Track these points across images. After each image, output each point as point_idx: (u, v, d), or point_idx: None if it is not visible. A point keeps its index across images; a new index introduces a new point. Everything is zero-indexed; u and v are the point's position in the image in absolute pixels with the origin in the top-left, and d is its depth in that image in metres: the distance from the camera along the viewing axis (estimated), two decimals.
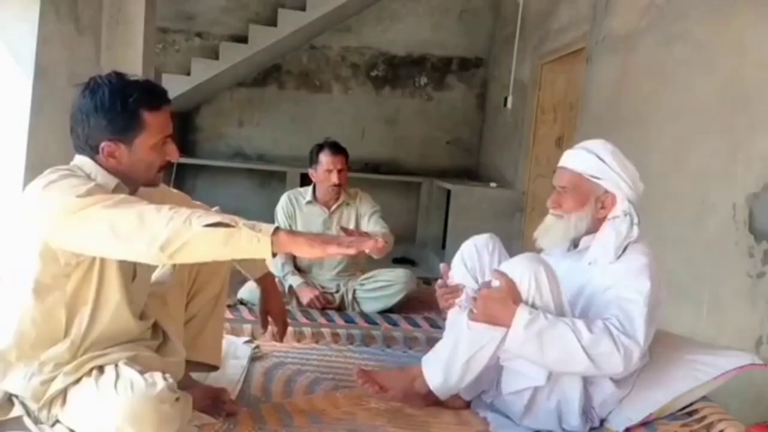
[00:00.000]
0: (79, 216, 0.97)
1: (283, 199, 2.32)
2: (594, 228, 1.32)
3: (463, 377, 1.26)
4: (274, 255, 0.96)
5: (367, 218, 2.27)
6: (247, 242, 0.95)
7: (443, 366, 1.27)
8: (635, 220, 1.29)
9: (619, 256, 1.26)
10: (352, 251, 0.97)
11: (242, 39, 4.44)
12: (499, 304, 1.17)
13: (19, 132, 2.12)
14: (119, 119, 1.06)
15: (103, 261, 1.07)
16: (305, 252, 0.97)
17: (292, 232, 0.99)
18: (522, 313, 1.14)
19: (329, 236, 1.04)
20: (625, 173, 1.29)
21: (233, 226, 0.95)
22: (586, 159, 1.31)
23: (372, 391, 1.32)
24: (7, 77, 2.11)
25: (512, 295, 1.17)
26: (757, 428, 1.27)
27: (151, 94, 1.09)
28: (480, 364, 1.23)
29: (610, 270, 1.26)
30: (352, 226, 2.28)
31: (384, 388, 1.34)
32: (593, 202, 1.30)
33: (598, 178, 1.29)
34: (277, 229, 0.96)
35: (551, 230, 1.35)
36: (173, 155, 1.13)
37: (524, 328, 1.14)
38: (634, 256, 1.26)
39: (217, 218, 0.95)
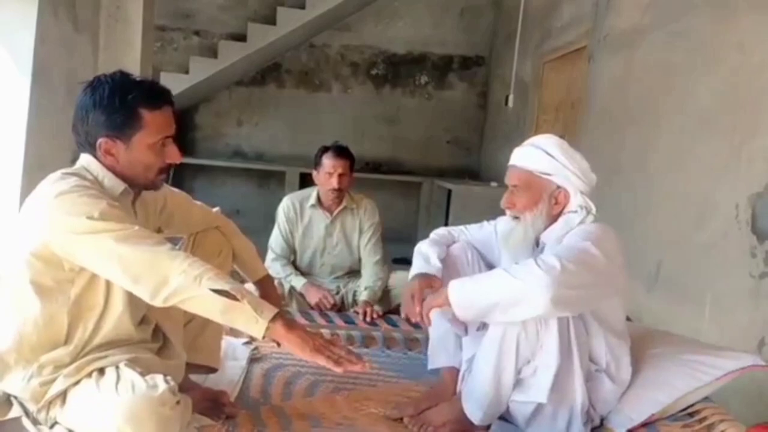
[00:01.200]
0: (87, 240, 0.97)
1: (286, 202, 2.28)
2: (552, 224, 1.31)
3: (499, 403, 1.25)
4: (263, 338, 0.99)
5: (366, 239, 2.24)
6: (245, 320, 0.97)
7: (478, 401, 1.26)
8: (593, 211, 1.28)
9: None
10: (338, 369, 0.99)
11: (241, 37, 4.42)
12: (432, 295, 1.24)
13: (17, 131, 2.11)
14: (117, 115, 1.05)
15: None
16: (294, 351, 0.99)
17: (290, 325, 1.00)
18: (454, 281, 1.21)
19: (323, 343, 1.02)
20: (574, 167, 1.28)
21: (238, 300, 0.96)
22: (535, 156, 1.30)
23: None
24: (5, 77, 2.10)
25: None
26: (757, 428, 1.27)
27: (151, 92, 1.08)
28: (508, 387, 1.24)
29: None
30: (356, 236, 2.26)
31: (439, 427, 1.30)
32: (546, 199, 1.29)
33: (549, 174, 1.28)
34: (277, 315, 0.98)
35: (512, 235, 1.34)
36: (174, 157, 1.12)
37: (459, 281, 1.21)
38: (577, 230, 1.25)
39: (227, 287, 0.96)
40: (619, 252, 1.22)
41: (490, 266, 1.48)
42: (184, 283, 0.96)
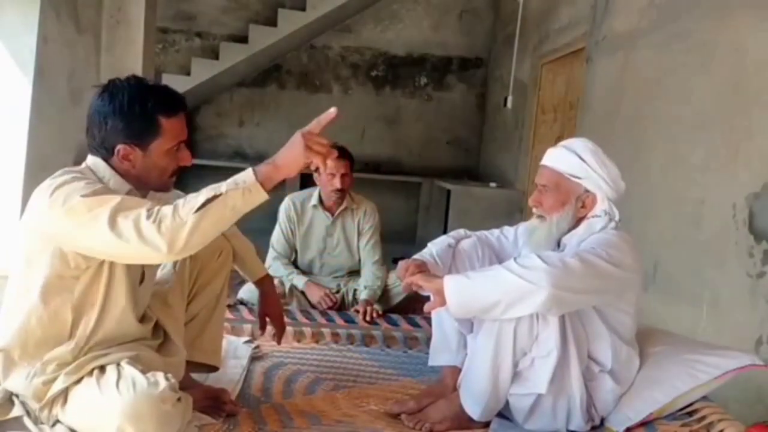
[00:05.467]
0: (83, 220, 0.97)
1: (287, 201, 2.29)
2: (575, 227, 1.32)
3: (498, 397, 1.26)
4: (269, 192, 0.98)
5: (365, 241, 2.25)
6: (242, 200, 0.97)
7: (476, 396, 1.27)
8: (615, 218, 1.30)
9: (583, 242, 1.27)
10: (327, 143, 0.99)
11: (242, 39, 4.44)
12: (425, 279, 1.24)
13: (19, 132, 2.12)
14: (137, 123, 1.07)
15: (112, 265, 1.08)
16: (293, 169, 1.00)
17: (269, 165, 1.00)
18: (449, 277, 1.21)
19: (299, 137, 1.03)
20: (605, 173, 1.29)
21: (218, 195, 0.96)
22: (567, 158, 1.31)
23: (425, 430, 1.29)
24: (7, 77, 2.11)
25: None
26: (756, 428, 1.27)
27: (169, 100, 1.10)
28: (506, 382, 1.24)
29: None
30: (355, 238, 2.27)
31: (437, 423, 1.30)
32: (574, 202, 1.30)
33: (579, 178, 1.30)
34: (255, 169, 0.99)
35: (535, 233, 1.35)
36: (186, 160, 1.14)
37: (454, 278, 1.21)
38: (596, 236, 1.27)
39: (202, 198, 0.96)
40: (632, 263, 1.22)
41: None
42: (170, 231, 0.94)
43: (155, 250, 0.95)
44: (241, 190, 0.96)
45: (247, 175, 0.98)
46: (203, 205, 0.95)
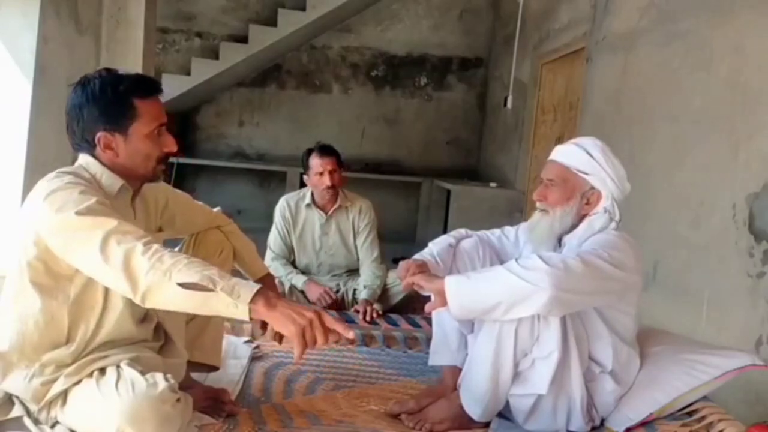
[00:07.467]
0: (76, 237, 0.97)
1: (282, 203, 2.29)
2: (577, 224, 1.32)
3: (498, 398, 1.26)
4: (251, 319, 0.94)
5: (362, 239, 2.25)
6: (225, 307, 0.93)
7: (476, 397, 1.27)
8: (616, 218, 1.30)
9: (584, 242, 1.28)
10: (324, 343, 0.92)
11: (242, 39, 4.44)
12: (426, 279, 1.24)
13: (19, 132, 2.12)
14: (112, 108, 1.07)
15: None
16: (279, 329, 0.94)
17: (270, 303, 0.93)
18: (450, 278, 1.21)
19: (309, 317, 0.93)
20: (612, 171, 1.30)
21: (211, 289, 0.91)
22: (576, 154, 1.32)
23: (425, 431, 1.30)
24: (7, 77, 2.12)
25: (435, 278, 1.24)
26: (757, 428, 1.27)
27: (142, 82, 1.10)
28: (506, 382, 1.24)
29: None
30: (351, 236, 2.28)
31: (437, 424, 1.30)
32: (579, 198, 1.30)
33: (586, 174, 1.30)
34: (256, 294, 0.92)
35: (537, 227, 1.35)
36: (170, 146, 1.13)
37: (456, 279, 1.20)
38: (597, 237, 1.27)
39: (196, 277, 0.92)
40: (634, 264, 1.22)
41: None
42: (154, 283, 0.92)
43: (130, 288, 0.93)
44: (229, 302, 0.92)
45: (245, 293, 0.92)
46: (191, 286, 0.91)
